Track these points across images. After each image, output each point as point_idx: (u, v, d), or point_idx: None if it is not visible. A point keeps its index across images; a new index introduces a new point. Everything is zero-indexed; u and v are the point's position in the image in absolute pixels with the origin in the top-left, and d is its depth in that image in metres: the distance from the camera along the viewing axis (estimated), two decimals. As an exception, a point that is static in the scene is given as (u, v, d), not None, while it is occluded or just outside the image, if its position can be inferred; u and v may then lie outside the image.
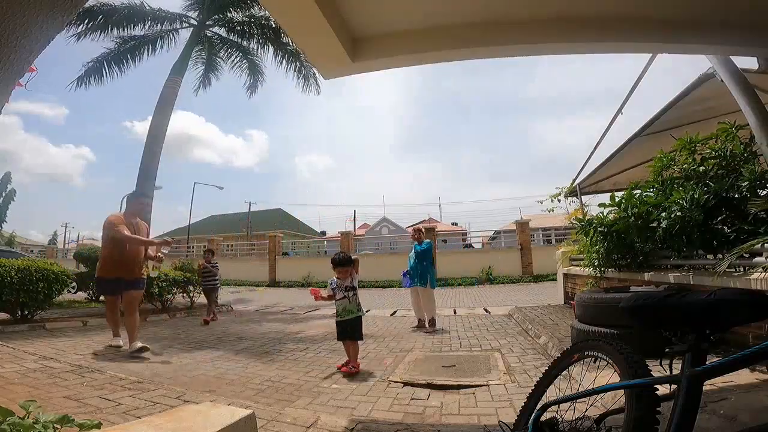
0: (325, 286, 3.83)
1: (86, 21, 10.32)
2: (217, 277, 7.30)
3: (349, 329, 3.60)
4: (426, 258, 5.71)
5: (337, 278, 3.69)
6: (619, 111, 4.66)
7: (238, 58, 12.23)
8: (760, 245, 2.58)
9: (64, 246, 36.83)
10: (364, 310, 3.99)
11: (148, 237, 4.72)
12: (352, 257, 3.83)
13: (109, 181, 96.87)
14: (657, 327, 1.25)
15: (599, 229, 4.48)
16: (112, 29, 10.78)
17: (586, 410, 1.37)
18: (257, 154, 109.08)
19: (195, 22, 11.50)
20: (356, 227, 36.12)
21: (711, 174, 3.52)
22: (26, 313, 5.66)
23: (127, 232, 4.12)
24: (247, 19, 11.41)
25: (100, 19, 10.47)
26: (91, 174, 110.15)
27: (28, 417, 1.32)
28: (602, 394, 1.32)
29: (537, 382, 1.62)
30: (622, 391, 1.19)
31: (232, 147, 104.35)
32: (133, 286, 4.25)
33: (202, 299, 8.59)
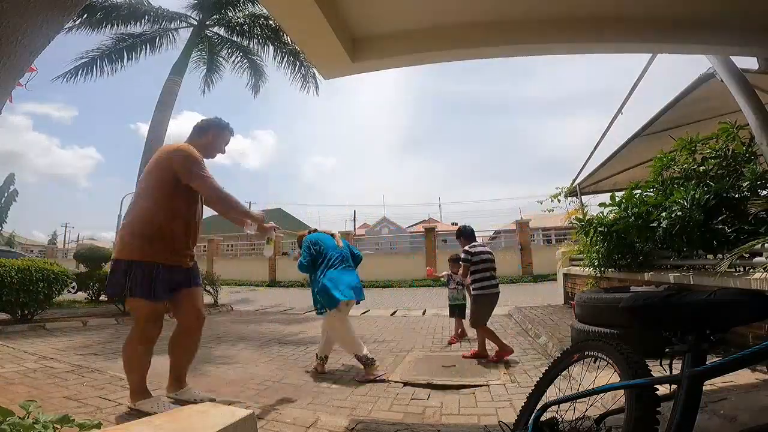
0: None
1: (85, 17, 10.28)
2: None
3: (457, 311, 4.69)
4: None
5: (452, 272, 4.74)
6: (619, 111, 4.66)
7: (239, 58, 12.23)
8: (760, 245, 2.58)
9: (64, 246, 36.81)
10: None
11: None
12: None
13: (111, 181, 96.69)
14: (657, 327, 1.25)
15: (599, 229, 4.48)
16: (111, 26, 10.75)
17: (586, 410, 1.37)
18: (263, 155, 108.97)
19: (195, 22, 11.49)
20: (356, 227, 36.10)
21: (711, 174, 3.51)
22: (26, 313, 5.66)
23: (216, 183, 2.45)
24: (246, 19, 11.41)
25: (98, 15, 10.44)
26: (96, 174, 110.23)
27: (28, 417, 1.32)
28: (602, 394, 1.32)
29: (537, 382, 1.62)
30: (622, 391, 1.19)
31: (241, 148, 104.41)
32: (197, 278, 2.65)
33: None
